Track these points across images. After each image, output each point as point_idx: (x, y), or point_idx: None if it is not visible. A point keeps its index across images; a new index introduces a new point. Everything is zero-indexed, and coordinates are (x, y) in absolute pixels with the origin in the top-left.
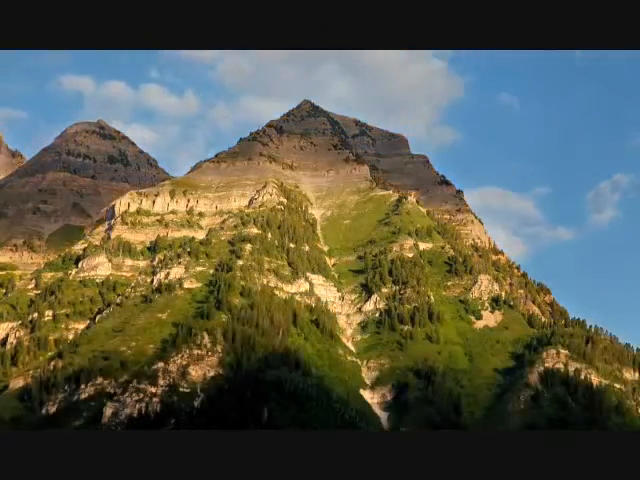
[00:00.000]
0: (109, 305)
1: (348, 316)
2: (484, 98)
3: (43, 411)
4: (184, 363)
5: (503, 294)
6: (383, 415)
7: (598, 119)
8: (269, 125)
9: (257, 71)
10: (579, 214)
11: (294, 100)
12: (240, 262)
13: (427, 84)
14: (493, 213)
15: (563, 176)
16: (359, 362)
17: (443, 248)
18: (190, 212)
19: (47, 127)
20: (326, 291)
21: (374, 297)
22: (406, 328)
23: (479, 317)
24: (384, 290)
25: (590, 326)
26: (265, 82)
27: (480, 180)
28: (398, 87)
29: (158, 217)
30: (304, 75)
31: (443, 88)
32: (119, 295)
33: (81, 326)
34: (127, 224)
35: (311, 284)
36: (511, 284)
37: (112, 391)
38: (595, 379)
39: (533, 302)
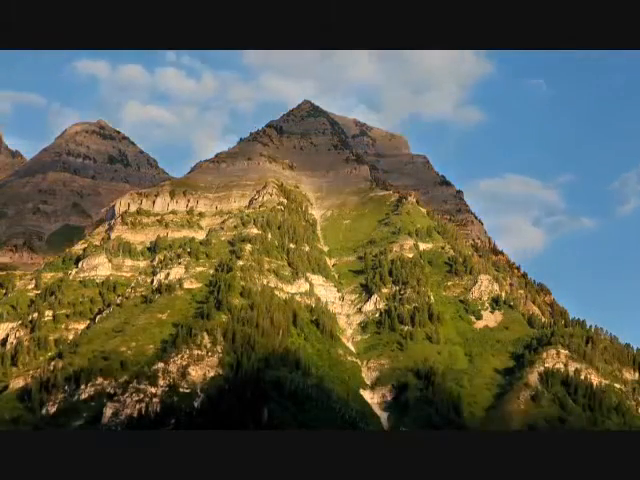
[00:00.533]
0: (109, 305)
1: (348, 316)
2: (512, 81)
3: (43, 411)
4: (184, 363)
5: (503, 294)
6: (383, 415)
7: (625, 108)
8: (269, 125)
9: (277, 51)
10: (603, 204)
11: (316, 80)
12: (240, 262)
13: (454, 65)
14: (514, 202)
15: (588, 165)
16: (359, 362)
17: (443, 248)
18: (190, 212)
19: (61, 111)
20: (326, 291)
21: (374, 297)
22: (406, 328)
23: (479, 317)
24: (384, 290)
25: (590, 326)
26: (285, 62)
27: (502, 166)
28: (424, 67)
29: (158, 217)
30: (326, 55)
31: (471, 69)
32: (119, 295)
33: (81, 326)
34: (127, 224)
35: (311, 284)
36: (511, 284)
37: (112, 391)
38: (595, 379)
39: (533, 302)
